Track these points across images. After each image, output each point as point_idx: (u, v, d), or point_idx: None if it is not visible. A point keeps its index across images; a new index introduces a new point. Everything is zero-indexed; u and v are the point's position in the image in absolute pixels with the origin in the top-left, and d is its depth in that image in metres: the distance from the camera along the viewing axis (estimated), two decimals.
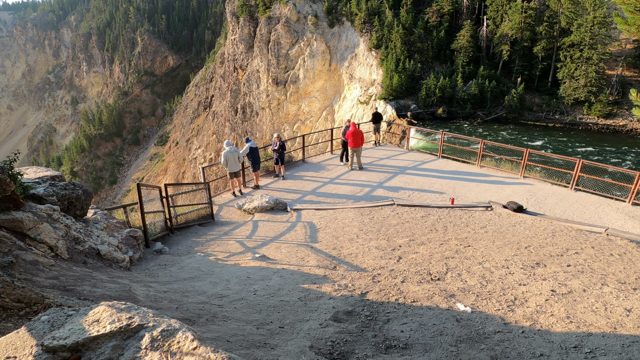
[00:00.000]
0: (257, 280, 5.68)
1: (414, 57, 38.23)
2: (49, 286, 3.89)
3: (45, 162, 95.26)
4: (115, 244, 6.66)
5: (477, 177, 14.20)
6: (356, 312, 4.47)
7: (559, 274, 6.16)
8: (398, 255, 7.15)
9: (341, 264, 6.84)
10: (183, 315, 3.81)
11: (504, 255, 7.05)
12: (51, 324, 2.48)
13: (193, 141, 69.56)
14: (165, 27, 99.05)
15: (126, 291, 4.25)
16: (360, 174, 14.85)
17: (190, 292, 4.93)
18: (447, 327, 4.17)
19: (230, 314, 4.11)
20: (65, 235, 5.71)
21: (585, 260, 6.95)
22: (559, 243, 7.95)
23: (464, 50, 37.69)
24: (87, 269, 5.24)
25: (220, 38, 79.79)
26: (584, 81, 32.14)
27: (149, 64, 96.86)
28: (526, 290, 5.43)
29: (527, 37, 35.94)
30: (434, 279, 5.83)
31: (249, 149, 13.27)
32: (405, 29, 39.21)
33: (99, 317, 2.40)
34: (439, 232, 8.68)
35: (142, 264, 7.08)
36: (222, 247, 8.62)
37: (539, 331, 4.24)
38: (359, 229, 9.17)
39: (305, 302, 4.74)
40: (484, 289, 5.44)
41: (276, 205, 11.66)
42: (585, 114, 32.90)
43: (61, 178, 7.16)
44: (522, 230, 8.90)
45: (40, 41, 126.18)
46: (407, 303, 4.87)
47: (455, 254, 7.06)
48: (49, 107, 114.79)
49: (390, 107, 34.99)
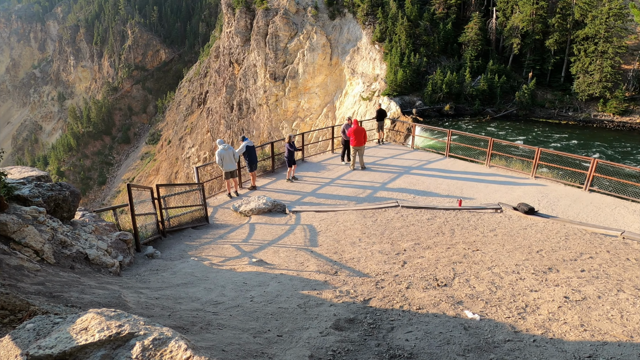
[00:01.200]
0: (254, 286, 5.68)
1: (420, 50, 38.24)
2: (35, 292, 3.89)
3: (30, 161, 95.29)
4: (105, 247, 6.66)
5: (486, 177, 14.21)
6: (358, 320, 4.47)
7: (573, 279, 6.16)
8: (403, 259, 7.15)
9: (343, 269, 6.84)
10: (176, 323, 3.81)
11: (514, 259, 7.05)
12: (37, 332, 2.48)
13: (186, 139, 69.59)
14: (157, 19, 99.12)
15: (116, 298, 4.25)
16: (363, 174, 14.85)
17: (184, 299, 4.93)
18: (455, 336, 4.17)
19: (226, 321, 4.11)
20: (52, 238, 5.71)
21: (600, 265, 6.95)
22: (572, 247, 7.95)
23: (472, 44, 37.70)
24: (74, 274, 5.25)
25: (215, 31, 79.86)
26: (599, 76, 32.13)
27: (139, 58, 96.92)
28: (538, 296, 5.43)
29: (538, 30, 35.93)
30: (441, 284, 5.83)
31: (246, 148, 13.28)
32: (410, 21, 39.22)
33: (87, 325, 2.41)
34: (446, 236, 8.68)
35: (132, 269, 7.09)
36: (217, 251, 8.63)
37: (552, 340, 4.24)
38: (361, 232, 9.18)
39: (304, 309, 4.74)
40: (494, 296, 5.44)
41: (274, 207, 11.67)
42: (600, 110, 32.88)
43: (47, 178, 7.17)
44: (533, 233, 8.90)
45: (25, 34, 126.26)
46: (412, 310, 4.87)
47: (463, 259, 7.06)
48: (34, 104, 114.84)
49: (395, 103, 35.00)
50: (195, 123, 69.64)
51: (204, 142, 63.61)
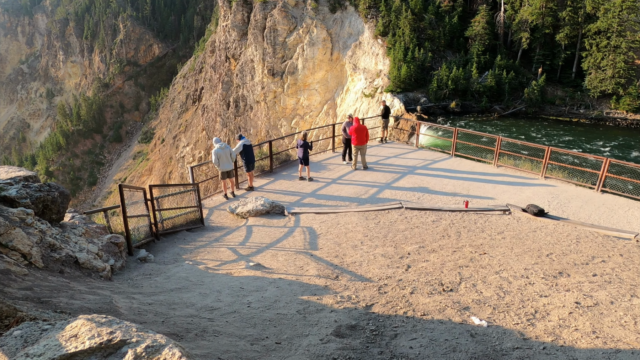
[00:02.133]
0: (251, 292, 5.69)
1: (424, 45, 38.24)
2: (22, 298, 3.89)
3: (17, 161, 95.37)
4: (95, 251, 6.67)
5: (493, 177, 14.21)
6: (360, 327, 4.47)
7: (584, 284, 6.16)
8: (407, 263, 7.15)
9: (344, 273, 6.85)
10: (170, 329, 3.81)
11: (523, 263, 7.05)
12: (24, 339, 2.48)
13: (181, 138, 69.63)
14: (150, 12, 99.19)
15: (107, 303, 4.25)
16: (365, 174, 14.86)
17: (178, 305, 4.93)
18: (461, 343, 4.17)
19: (222, 328, 4.12)
20: (40, 241, 5.72)
21: (613, 269, 6.95)
22: (583, 250, 7.95)
23: (479, 38, 37.69)
24: (64, 278, 5.25)
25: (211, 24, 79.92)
26: (612, 72, 32.13)
27: (132, 53, 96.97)
28: (548, 302, 5.43)
29: (548, 24, 35.93)
30: (446, 289, 5.83)
31: (242, 147, 13.29)
32: (415, 14, 39.22)
33: (77, 332, 2.41)
34: (452, 238, 8.69)
35: (124, 273, 7.09)
36: (213, 255, 8.63)
37: (562, 347, 4.24)
38: (363, 235, 9.18)
39: (304, 315, 4.74)
40: (502, 301, 5.44)
41: (272, 208, 11.67)
42: (612, 108, 32.88)
43: (35, 179, 7.17)
44: (543, 236, 8.90)
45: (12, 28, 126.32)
46: (416, 316, 4.87)
47: (470, 263, 7.07)
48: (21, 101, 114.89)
49: (398, 100, 35.01)
50: (190, 121, 69.68)
51: (199, 140, 63.64)
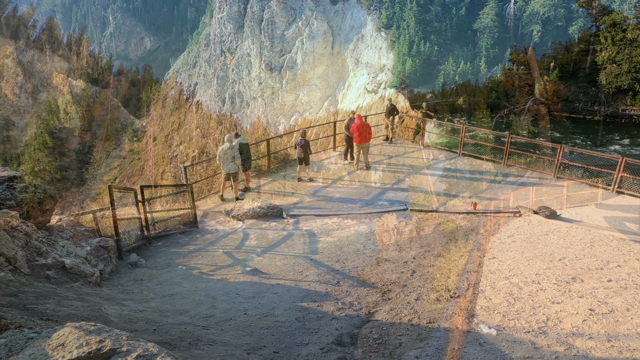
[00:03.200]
0: (247, 298, 5.69)
1: (430, 38, 38.29)
2: (7, 304, 3.89)
3: (1, 160, 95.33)
4: (84, 255, 6.67)
5: (503, 177, 14.21)
6: (363, 335, 4.47)
7: (599, 290, 6.15)
8: (412, 268, 7.15)
9: (345, 278, 6.84)
10: (162, 338, 3.81)
11: (534, 268, 7.04)
12: (9, 348, 2.48)
13: (173, 136, 69.57)
14: (142, 3, 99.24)
15: (96, 310, 4.26)
16: (368, 174, 14.85)
17: (171, 312, 4.93)
18: (469, 352, 4.17)
19: (217, 336, 4.12)
20: (25, 245, 5.72)
21: (629, 274, 6.94)
22: (598, 254, 7.95)
23: (488, 31, 37.74)
24: (50, 284, 5.26)
25: (205, 17, 79.97)
26: (628, 66, 32.12)
27: (122, 47, 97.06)
28: (560, 309, 5.43)
29: (561, 16, 35.94)
30: (454, 296, 5.83)
31: (239, 145, 13.27)
32: (420, 6, 39.26)
33: (65, 340, 2.41)
34: (459, 242, 8.68)
35: (114, 278, 7.09)
36: (208, 259, 8.63)
37: (576, 357, 4.24)
38: (365, 238, 9.18)
39: (303, 323, 4.74)
40: (512, 308, 5.44)
41: (270, 210, 11.67)
42: (629, 104, 32.86)
43: (20, 179, 7.18)
44: (555, 239, 8.89)
45: None
46: (422, 324, 4.87)
47: (478, 267, 7.06)
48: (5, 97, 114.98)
49: (403, 96, 35.03)
50: (183, 118, 69.71)
51: (193, 139, 63.67)
